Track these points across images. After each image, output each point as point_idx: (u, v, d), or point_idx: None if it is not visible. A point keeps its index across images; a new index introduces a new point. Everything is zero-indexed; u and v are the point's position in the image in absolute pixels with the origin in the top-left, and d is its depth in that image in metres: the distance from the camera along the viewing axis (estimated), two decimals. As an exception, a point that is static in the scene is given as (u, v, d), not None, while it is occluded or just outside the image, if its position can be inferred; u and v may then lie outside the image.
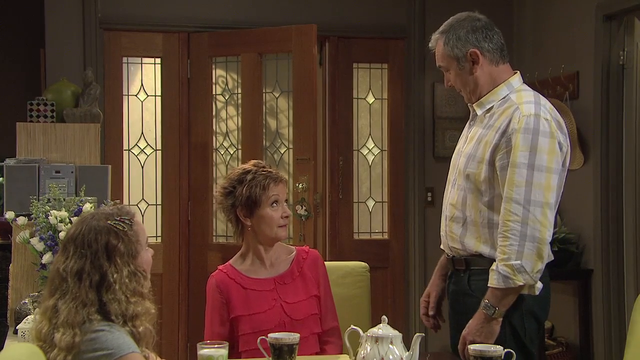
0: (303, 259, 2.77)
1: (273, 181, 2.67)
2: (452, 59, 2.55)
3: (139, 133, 5.16)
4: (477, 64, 2.53)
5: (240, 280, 2.69)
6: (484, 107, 2.55)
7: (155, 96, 5.17)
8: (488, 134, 2.48)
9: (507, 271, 2.34)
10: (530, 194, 2.34)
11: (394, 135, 5.41)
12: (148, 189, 5.16)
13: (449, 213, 2.59)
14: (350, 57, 5.37)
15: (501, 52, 2.57)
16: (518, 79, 2.57)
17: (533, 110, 2.43)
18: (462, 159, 2.55)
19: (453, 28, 2.56)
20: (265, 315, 2.63)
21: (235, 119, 5.14)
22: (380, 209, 5.44)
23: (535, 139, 2.38)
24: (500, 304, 2.36)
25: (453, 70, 2.56)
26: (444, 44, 2.57)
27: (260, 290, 2.68)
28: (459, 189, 2.54)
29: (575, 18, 4.70)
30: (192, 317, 5.13)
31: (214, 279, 2.70)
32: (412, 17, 5.36)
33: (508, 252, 2.34)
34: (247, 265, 2.73)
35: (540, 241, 2.34)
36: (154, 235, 5.16)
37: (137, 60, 5.17)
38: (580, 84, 4.61)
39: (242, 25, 5.11)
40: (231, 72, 5.15)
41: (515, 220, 2.34)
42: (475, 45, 2.53)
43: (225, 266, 2.74)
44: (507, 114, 2.46)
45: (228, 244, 5.12)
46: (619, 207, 4.42)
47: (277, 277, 2.71)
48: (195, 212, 5.14)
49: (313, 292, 2.72)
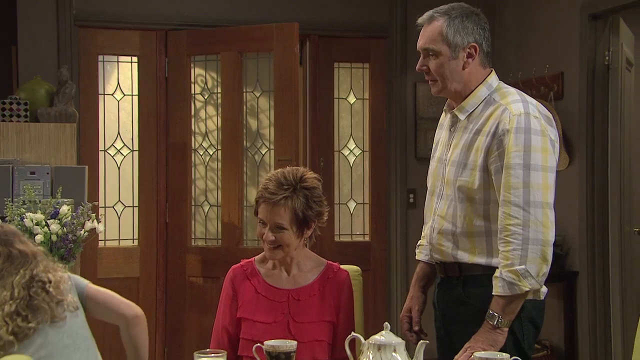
0: (328, 278, 2.59)
1: (265, 202, 2.50)
2: (448, 44, 2.38)
3: (115, 133, 5.04)
4: (471, 58, 2.40)
5: (256, 282, 2.56)
6: (466, 111, 2.40)
7: (132, 95, 5.05)
8: (478, 139, 2.34)
9: (512, 277, 2.23)
10: (529, 195, 2.24)
11: (376, 136, 5.34)
12: (124, 191, 5.04)
13: (437, 225, 2.45)
14: (331, 56, 5.29)
15: (489, 57, 2.47)
16: (495, 78, 2.46)
17: (522, 109, 2.31)
18: (450, 168, 2.41)
19: (459, 14, 2.40)
20: (269, 327, 2.50)
21: (214, 119, 5.03)
22: (361, 210, 5.36)
23: (527, 138, 2.27)
24: (504, 313, 2.26)
25: (442, 57, 2.38)
26: (446, 25, 2.37)
27: (272, 300, 2.54)
28: (448, 200, 2.42)
29: (560, 18, 4.66)
30: (170, 322, 5.02)
31: (232, 272, 2.60)
32: (394, 16, 5.30)
33: (511, 258, 2.23)
34: (269, 269, 2.59)
35: (543, 243, 2.23)
36: (130, 237, 5.04)
37: (113, 59, 5.04)
38: (565, 84, 4.57)
39: (222, 23, 5.01)
40: (210, 71, 5.04)
41: (516, 224, 2.23)
42: (476, 39, 2.40)
43: (249, 262, 2.62)
44: (495, 116, 2.33)
45: (207, 246, 5.02)
46: (604, 209, 4.39)
47: (293, 291, 2.56)
48: (174, 214, 5.03)
49: (327, 318, 2.54)
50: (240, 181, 4.90)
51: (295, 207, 2.47)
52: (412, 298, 2.63)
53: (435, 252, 2.49)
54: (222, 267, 4.89)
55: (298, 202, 2.48)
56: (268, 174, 2.60)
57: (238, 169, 4.90)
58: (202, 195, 5.07)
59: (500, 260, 2.27)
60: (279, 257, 2.53)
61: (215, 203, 5.02)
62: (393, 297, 5.31)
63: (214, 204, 5.03)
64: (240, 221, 4.89)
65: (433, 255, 2.52)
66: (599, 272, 4.39)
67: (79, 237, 3.66)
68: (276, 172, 2.57)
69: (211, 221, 5.05)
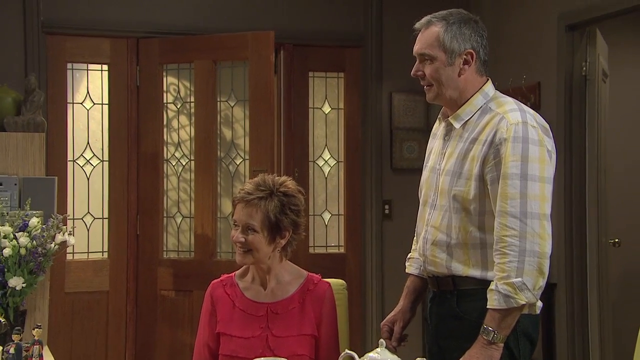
0: (309, 290, 2.53)
1: (240, 202, 2.46)
2: (444, 50, 2.32)
3: (84, 143, 4.90)
4: (468, 65, 2.35)
5: (234, 296, 2.51)
6: (461, 119, 2.36)
7: (102, 104, 4.92)
8: (474, 148, 2.29)
9: (508, 290, 2.15)
10: (526, 205, 2.17)
11: (351, 146, 5.28)
12: (94, 202, 4.91)
13: (430, 236, 2.39)
14: (306, 65, 5.22)
15: (486, 65, 2.41)
16: (491, 86, 2.42)
17: (520, 117, 2.26)
18: (444, 177, 2.36)
19: (457, 20, 2.35)
20: (248, 342, 2.44)
21: (187, 128, 4.93)
22: (336, 222, 5.29)
23: (525, 148, 2.21)
24: (500, 328, 2.19)
25: (437, 63, 2.33)
26: (443, 30, 2.31)
27: (249, 314, 2.48)
28: (442, 210, 2.36)
29: (537, 28, 4.65)
30: (140, 337, 4.89)
31: (211, 287, 2.57)
32: (369, 26, 5.25)
33: (507, 270, 2.16)
34: (248, 282, 2.54)
35: (540, 255, 2.16)
36: (99, 250, 4.90)
37: (83, 67, 4.92)
38: (542, 94, 4.55)
39: (195, 31, 4.91)
40: (183, 79, 4.94)
41: (512, 235, 2.17)
42: (473, 46, 2.35)
43: (229, 277, 2.58)
44: (491, 125, 2.28)
45: (180, 259, 4.90)
46: (582, 219, 4.37)
47: (272, 304, 2.50)
48: (145, 225, 4.91)
49: (307, 331, 2.48)
50: (214, 192, 4.80)
51: (268, 209, 2.43)
52: (400, 312, 2.58)
53: (428, 264, 2.42)
54: (195, 280, 4.82)
55: (272, 205, 2.44)
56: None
57: (212, 179, 4.80)
58: (174, 206, 4.95)
59: (495, 273, 2.20)
60: (249, 262, 2.48)
61: (188, 214, 4.91)
62: (368, 309, 5.24)
63: (187, 216, 4.92)
64: (213, 233, 4.79)
65: (426, 268, 2.45)
66: (578, 284, 4.37)
67: (49, 250, 3.52)
68: (259, 177, 2.53)
69: (184, 233, 4.93)
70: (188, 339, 4.79)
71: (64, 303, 4.73)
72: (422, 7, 5.23)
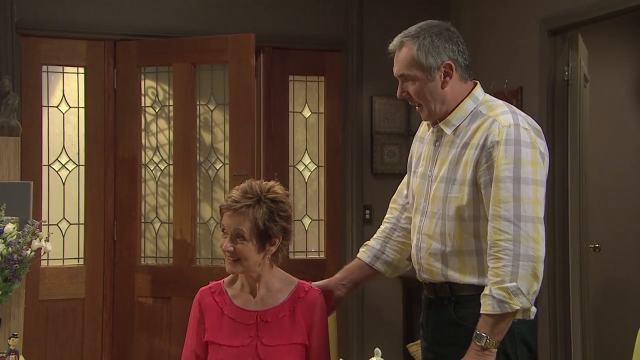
0: (299, 297, 2.45)
1: (227, 210, 2.39)
2: (422, 68, 2.31)
3: (60, 147, 4.80)
4: (449, 77, 2.32)
5: (222, 303, 2.43)
6: (452, 125, 2.33)
7: (79, 108, 4.83)
8: (467, 153, 2.26)
9: (503, 295, 2.12)
10: (519, 209, 2.14)
11: (331, 151, 5.23)
12: (70, 207, 4.81)
13: (424, 245, 2.36)
14: (286, 69, 5.17)
15: (469, 70, 2.38)
16: (481, 90, 2.39)
17: (512, 120, 2.23)
18: (438, 184, 2.33)
19: (427, 33, 2.33)
20: (237, 351, 2.37)
21: (166, 132, 4.85)
22: (316, 227, 5.24)
23: (517, 150, 2.19)
24: (493, 333, 2.15)
25: (418, 82, 2.32)
26: (416, 49, 2.30)
27: (239, 322, 2.41)
28: (435, 218, 2.32)
29: (519, 32, 4.64)
30: (117, 345, 4.79)
31: (199, 294, 2.49)
32: (350, 29, 5.21)
33: (502, 274, 2.12)
34: (237, 290, 2.47)
35: (534, 259, 2.14)
36: (75, 256, 4.80)
37: (58, 69, 4.82)
38: (524, 99, 4.54)
39: (174, 34, 4.84)
40: (162, 83, 4.86)
41: (506, 239, 2.14)
42: (450, 57, 2.32)
43: (217, 284, 2.50)
44: (483, 129, 2.25)
45: (158, 265, 4.82)
46: (565, 224, 4.36)
47: (261, 313, 2.43)
48: (122, 231, 4.81)
49: (298, 340, 2.41)
50: (193, 197, 4.73)
51: (256, 217, 2.35)
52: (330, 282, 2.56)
53: (423, 272, 2.39)
54: (174, 287, 4.74)
55: (260, 212, 2.36)
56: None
57: (191, 184, 4.72)
58: (152, 211, 4.87)
59: (489, 277, 2.17)
60: (239, 271, 2.42)
61: (166, 220, 4.83)
62: (349, 315, 5.19)
63: (165, 221, 4.84)
64: (192, 239, 4.71)
65: (421, 276, 2.42)
66: (560, 288, 4.35)
67: (25, 257, 3.43)
68: (245, 183, 2.45)
69: (162, 239, 4.85)
70: (166, 347, 4.71)
71: (37, 311, 4.62)
72: (403, 11, 5.26)
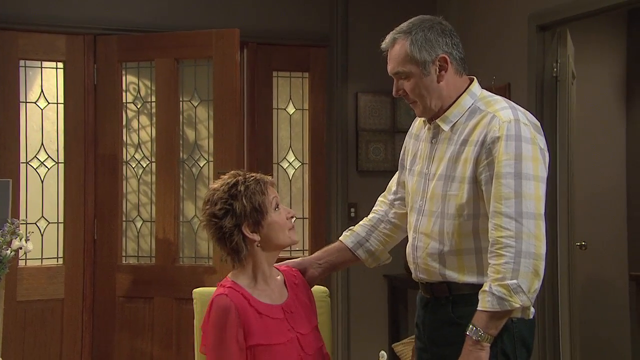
0: (295, 283, 2.44)
1: (267, 184, 2.35)
2: (416, 63, 2.26)
3: (38, 144, 4.68)
4: (444, 71, 2.28)
5: (254, 302, 2.30)
6: (449, 121, 2.29)
7: (58, 104, 4.70)
8: (465, 150, 2.22)
9: (503, 292, 2.07)
10: (521, 205, 2.10)
11: (316, 148, 5.15)
12: (48, 206, 4.69)
13: (421, 244, 2.31)
14: (270, 64, 5.08)
15: (464, 63, 2.34)
16: (478, 86, 2.34)
17: (512, 115, 2.19)
18: (436, 182, 2.28)
19: (419, 28, 2.28)
20: (285, 347, 2.28)
21: (148, 129, 4.74)
22: (300, 225, 5.15)
23: (518, 146, 2.14)
24: (487, 327, 2.10)
25: (414, 77, 2.27)
26: (409, 44, 2.25)
27: (275, 318, 2.30)
28: (434, 216, 2.28)
29: (507, 28, 4.59)
30: (97, 347, 4.69)
31: (227, 299, 2.24)
32: (335, 25, 5.14)
33: (503, 271, 2.07)
34: (252, 286, 2.34)
35: (536, 257, 2.08)
36: (54, 256, 4.68)
37: (37, 64, 4.69)
38: (512, 96, 4.49)
39: (156, 28, 4.74)
40: (144, 78, 4.75)
41: (508, 236, 2.09)
42: (445, 50, 2.28)
43: (232, 284, 2.32)
44: (482, 125, 2.21)
45: (140, 264, 4.72)
46: (553, 221, 4.32)
47: (284, 305, 2.36)
48: (102, 230, 4.70)
49: (314, 322, 2.41)
50: (176, 195, 4.62)
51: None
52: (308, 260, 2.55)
53: (420, 272, 2.34)
54: (156, 286, 4.63)
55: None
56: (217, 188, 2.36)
57: (174, 182, 4.62)
58: (134, 210, 4.76)
59: (489, 274, 2.12)
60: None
61: (148, 218, 4.73)
62: (334, 314, 5.12)
63: (147, 220, 4.73)
64: (175, 237, 4.61)
65: (418, 275, 2.36)
66: (549, 287, 4.32)
67: (5, 257, 3.33)
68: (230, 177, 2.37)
69: (144, 238, 4.74)
70: (148, 349, 4.61)
71: (15, 312, 4.50)
72: (388, 7, 5.20)
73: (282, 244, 2.35)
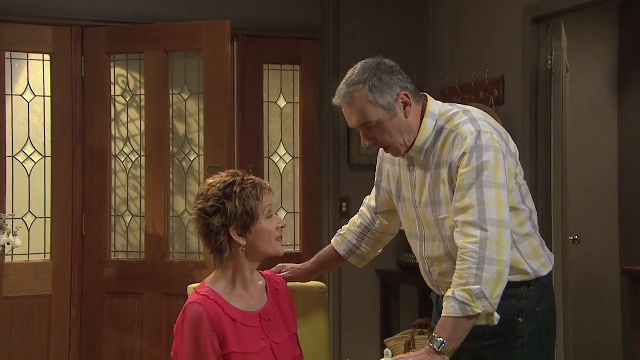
0: (276, 289, 2.42)
1: (264, 190, 2.31)
2: (382, 107, 2.24)
3: (25, 138, 4.60)
4: (409, 106, 2.29)
5: (228, 309, 2.26)
6: (421, 149, 2.32)
7: (45, 97, 4.62)
8: (441, 172, 2.28)
9: (465, 297, 2.10)
10: (484, 213, 2.14)
11: (307, 142, 5.10)
12: (35, 201, 4.61)
13: (434, 268, 2.38)
14: (261, 57, 5.02)
15: (417, 91, 2.35)
16: (434, 103, 2.37)
17: (472, 128, 2.24)
18: (425, 209, 2.34)
19: (371, 74, 2.26)
20: (258, 356, 2.25)
21: (137, 122, 4.67)
22: (292, 220, 5.10)
23: (479, 156, 2.19)
24: (450, 339, 2.10)
25: (384, 123, 2.26)
26: (369, 92, 2.24)
27: (249, 326, 2.27)
28: (436, 241, 2.34)
29: (501, 21, 4.55)
30: (86, 344, 4.62)
31: (200, 307, 2.21)
32: (326, 17, 5.08)
33: (466, 277, 2.11)
34: (228, 292, 2.30)
35: (498, 263, 2.12)
36: (42, 252, 4.60)
37: (23, 56, 4.61)
38: (505, 89, 4.46)
39: (145, 20, 4.67)
40: (133, 71, 4.68)
41: (472, 242, 2.13)
42: (401, 86, 2.28)
43: (207, 291, 2.28)
44: (448, 145, 2.27)
45: (129, 260, 4.65)
46: (548, 214, 4.29)
47: (262, 312, 2.32)
48: (91, 225, 4.63)
49: (293, 330, 2.40)
50: (166, 190, 4.56)
51: None
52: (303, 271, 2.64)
53: (443, 289, 2.36)
54: (146, 282, 4.57)
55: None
56: (212, 184, 2.33)
57: (164, 176, 4.56)
58: (123, 204, 4.69)
59: (454, 279, 2.15)
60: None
61: (138, 213, 4.66)
62: (326, 309, 5.07)
63: (137, 214, 4.67)
64: (165, 233, 4.54)
65: (442, 292, 2.40)
66: (543, 281, 4.30)
67: (-7, 253, 3.26)
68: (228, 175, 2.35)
69: (133, 233, 4.68)
70: (138, 345, 4.55)
71: (2, 309, 4.43)
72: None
73: (266, 253, 2.32)
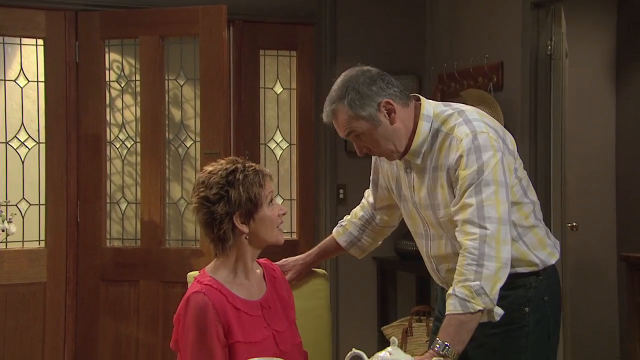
0: (274, 277, 2.41)
1: (266, 177, 2.30)
2: (364, 119, 2.25)
3: (18, 124, 4.54)
4: (393, 113, 2.28)
5: (231, 298, 2.24)
6: (419, 153, 2.33)
7: (38, 82, 4.56)
8: (439, 176, 2.30)
9: (465, 294, 2.12)
10: (482, 210, 2.17)
11: (304, 129, 5.06)
12: (29, 187, 4.56)
13: (442, 266, 2.42)
14: (257, 43, 4.97)
15: (403, 92, 2.34)
16: (427, 105, 2.36)
17: (467, 130, 2.25)
18: (425, 211, 2.37)
19: (349, 88, 2.26)
20: (262, 345, 2.23)
21: (132, 108, 4.62)
22: (288, 207, 5.06)
23: (479, 157, 2.21)
24: (453, 341, 2.10)
25: (369, 132, 2.27)
26: (348, 108, 2.25)
27: (252, 315, 2.26)
28: (442, 239, 2.38)
29: (500, 6, 4.51)
30: (81, 331, 4.59)
31: (205, 297, 2.18)
32: (323, 2, 5.03)
33: (465, 273, 2.14)
34: (230, 280, 2.28)
35: (498, 260, 2.14)
36: (36, 239, 4.56)
37: (16, 41, 4.54)
38: (505, 74, 4.42)
39: (140, 4, 4.60)
40: (128, 56, 4.62)
41: (472, 239, 2.16)
42: (382, 95, 2.27)
43: (209, 280, 2.25)
44: (445, 148, 2.28)
45: (124, 247, 4.61)
46: (547, 201, 4.27)
47: (262, 300, 2.31)
48: (86, 212, 4.59)
49: (292, 317, 2.40)
50: (162, 176, 4.51)
51: None
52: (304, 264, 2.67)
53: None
54: (141, 269, 4.53)
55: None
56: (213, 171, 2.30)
57: (159, 163, 4.51)
58: (118, 191, 4.65)
59: (455, 276, 2.17)
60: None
61: (133, 200, 4.61)
62: (322, 297, 5.05)
63: (132, 201, 4.62)
64: (161, 220, 4.50)
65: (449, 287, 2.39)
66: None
67: (-12, 240, 3.22)
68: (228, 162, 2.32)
69: (129, 220, 4.64)
70: (134, 332, 4.52)
71: (-5, 296, 4.39)
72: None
73: (268, 241, 2.31)
